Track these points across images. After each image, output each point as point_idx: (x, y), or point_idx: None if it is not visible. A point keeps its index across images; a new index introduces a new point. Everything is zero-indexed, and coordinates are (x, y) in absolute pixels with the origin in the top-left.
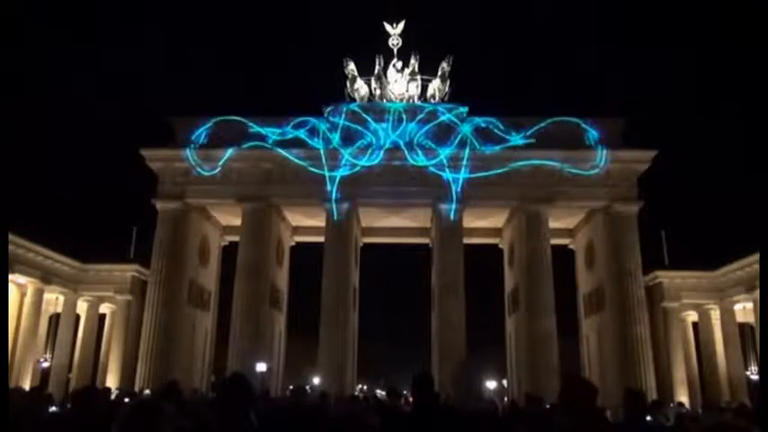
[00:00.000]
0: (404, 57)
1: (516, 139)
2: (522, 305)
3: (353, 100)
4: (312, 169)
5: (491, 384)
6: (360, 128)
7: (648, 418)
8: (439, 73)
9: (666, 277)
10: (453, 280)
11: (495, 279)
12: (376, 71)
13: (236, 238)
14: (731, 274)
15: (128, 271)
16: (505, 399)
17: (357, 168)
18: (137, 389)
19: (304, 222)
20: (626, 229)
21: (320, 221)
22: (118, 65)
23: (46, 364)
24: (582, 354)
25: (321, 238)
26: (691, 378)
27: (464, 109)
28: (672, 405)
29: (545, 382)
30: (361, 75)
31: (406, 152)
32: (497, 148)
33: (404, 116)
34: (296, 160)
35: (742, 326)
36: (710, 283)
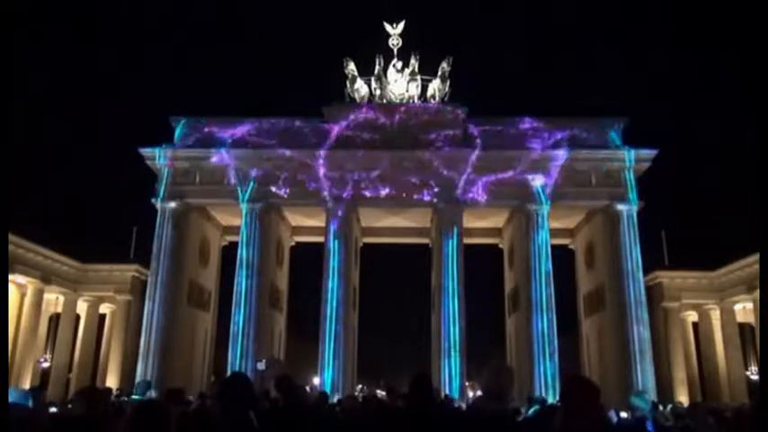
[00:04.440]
0: (404, 57)
1: (516, 139)
2: (521, 305)
3: (353, 100)
4: (312, 169)
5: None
6: (360, 128)
7: (649, 418)
8: (439, 73)
9: (666, 277)
10: (453, 280)
11: (495, 279)
12: (376, 71)
13: (236, 238)
14: (731, 274)
15: (128, 271)
16: None
17: (357, 168)
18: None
19: (304, 222)
20: (626, 229)
21: (320, 221)
22: (118, 64)
23: (46, 364)
24: (582, 354)
25: (321, 238)
26: (691, 378)
27: (464, 109)
28: (670, 406)
29: (545, 382)
30: (361, 75)
31: (405, 152)
32: (497, 148)
33: (404, 116)
34: (296, 160)
35: (742, 326)
36: (710, 283)
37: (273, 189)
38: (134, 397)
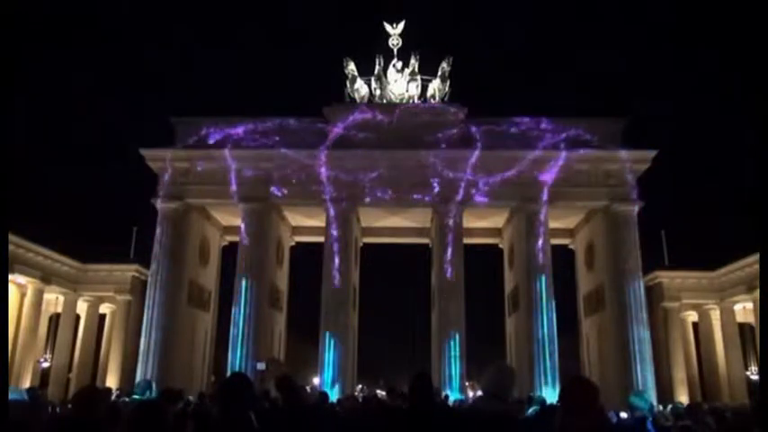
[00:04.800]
0: (404, 57)
1: (516, 139)
2: (521, 305)
3: (353, 100)
4: (312, 169)
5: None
6: (360, 128)
7: (649, 418)
8: (439, 73)
9: (666, 277)
10: (453, 280)
11: (495, 279)
12: (376, 71)
13: (236, 238)
14: (731, 274)
15: (128, 271)
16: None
17: (357, 168)
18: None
19: (304, 222)
20: (626, 229)
21: (320, 221)
22: (119, 65)
23: (46, 364)
24: (582, 354)
25: (321, 238)
26: (691, 378)
27: (464, 109)
28: (670, 406)
29: (545, 382)
30: (361, 75)
31: (405, 152)
32: (497, 148)
33: (404, 116)
34: (296, 160)
35: (742, 326)
36: (710, 283)
37: (273, 189)
38: (135, 397)
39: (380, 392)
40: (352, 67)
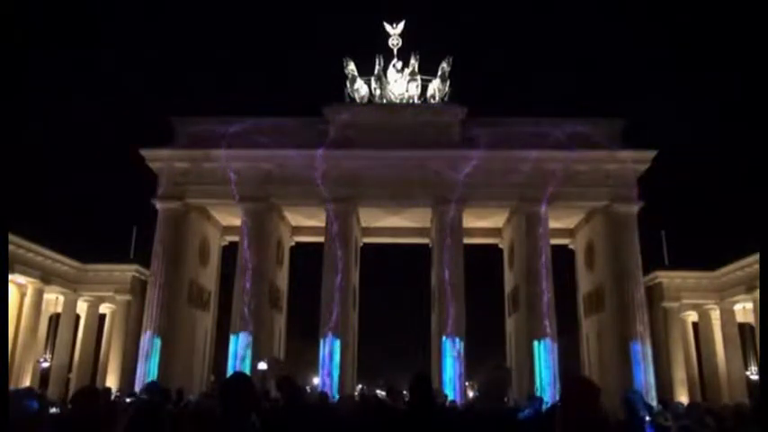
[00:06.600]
0: (404, 57)
1: (516, 139)
2: (521, 305)
3: (353, 100)
4: (312, 169)
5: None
6: (359, 128)
7: (648, 418)
8: (439, 73)
9: (666, 277)
10: (453, 280)
11: (495, 279)
12: (376, 71)
13: (236, 238)
14: (731, 274)
15: (128, 271)
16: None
17: (357, 168)
18: (137, 389)
19: (304, 222)
20: (626, 229)
21: (320, 221)
22: (118, 65)
23: (46, 364)
24: (582, 354)
25: (321, 238)
26: (691, 378)
27: (464, 109)
28: (670, 406)
29: (545, 382)
30: (361, 75)
31: (405, 152)
32: (497, 148)
33: (404, 116)
34: (296, 160)
35: (742, 326)
36: (710, 283)
37: (273, 189)
38: (143, 397)
39: (380, 392)
40: (352, 67)
